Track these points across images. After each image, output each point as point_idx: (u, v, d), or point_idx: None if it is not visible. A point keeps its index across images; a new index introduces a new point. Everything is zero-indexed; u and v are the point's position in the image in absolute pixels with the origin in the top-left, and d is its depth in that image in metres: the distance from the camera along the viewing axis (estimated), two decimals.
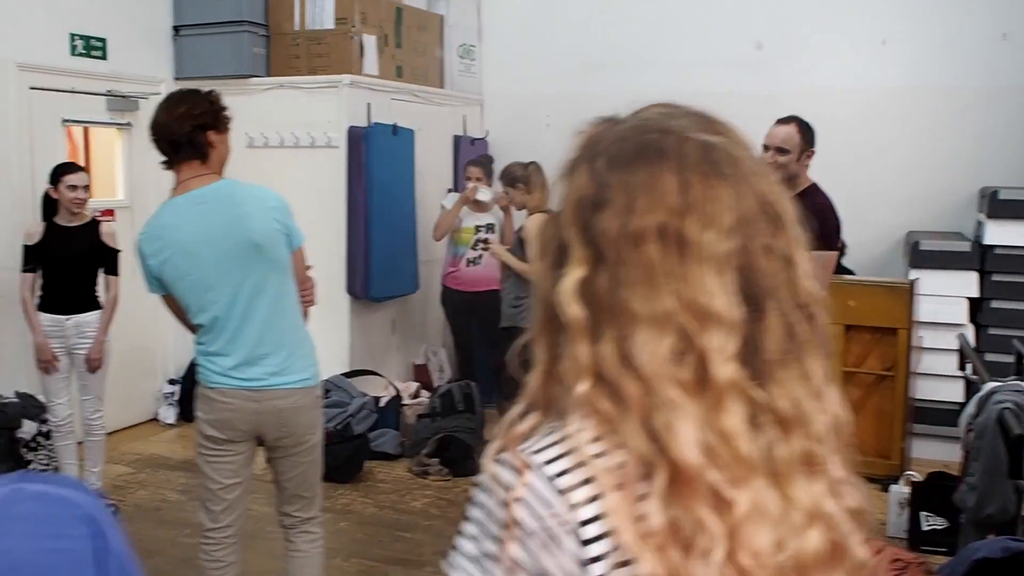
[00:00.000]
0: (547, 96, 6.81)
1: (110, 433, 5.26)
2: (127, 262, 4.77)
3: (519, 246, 5.23)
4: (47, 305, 4.49)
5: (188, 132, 2.77)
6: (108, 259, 4.60)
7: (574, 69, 6.77)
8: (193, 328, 2.93)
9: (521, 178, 5.25)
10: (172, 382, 6.20)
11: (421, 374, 6.50)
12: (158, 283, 2.86)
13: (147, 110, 5.95)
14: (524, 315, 5.26)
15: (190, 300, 2.82)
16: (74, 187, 4.45)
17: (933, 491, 4.51)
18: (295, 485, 3.01)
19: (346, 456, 5.24)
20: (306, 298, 2.99)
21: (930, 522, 4.44)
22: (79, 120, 5.57)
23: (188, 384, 6.15)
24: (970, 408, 3.70)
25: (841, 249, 3.69)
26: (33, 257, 4.47)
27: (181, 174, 2.83)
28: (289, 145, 5.87)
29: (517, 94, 6.92)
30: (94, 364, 4.57)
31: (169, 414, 6.16)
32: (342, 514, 4.72)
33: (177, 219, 2.81)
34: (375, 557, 4.25)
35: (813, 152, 3.89)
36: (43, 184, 5.30)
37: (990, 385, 3.68)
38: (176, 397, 6.16)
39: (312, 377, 2.92)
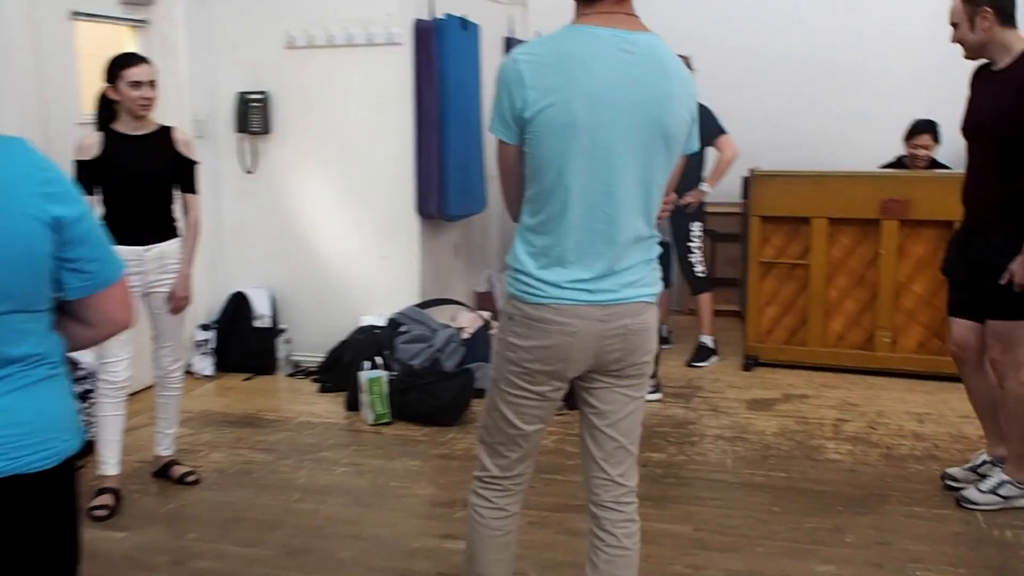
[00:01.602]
0: None
1: (136, 392, 4.46)
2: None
3: None
4: (116, 235, 3.58)
5: None
6: (186, 173, 3.76)
7: None
8: (516, 212, 2.21)
9: None
10: (205, 328, 5.35)
11: (485, 303, 5.86)
12: (514, 128, 2.08)
13: (165, 6, 5.03)
14: None
15: (549, 172, 2.06)
16: (138, 83, 3.56)
17: None
18: (623, 430, 2.28)
19: (451, 396, 4.59)
20: (662, 214, 2.29)
21: None
22: (90, 14, 4.59)
23: (224, 330, 5.35)
24: None
25: None
26: (91, 175, 3.56)
27: (599, 5, 2.06)
28: (340, 44, 5.04)
29: None
30: (180, 303, 3.74)
31: (205, 365, 5.32)
32: (469, 460, 4.09)
33: (588, 55, 2.02)
34: (537, 506, 3.62)
35: (988, 12, 3.26)
36: (52, 88, 4.38)
37: None
38: (212, 345, 5.33)
39: (657, 293, 2.25)
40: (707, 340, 5.59)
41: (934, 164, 5.59)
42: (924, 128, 5.58)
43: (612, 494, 2.30)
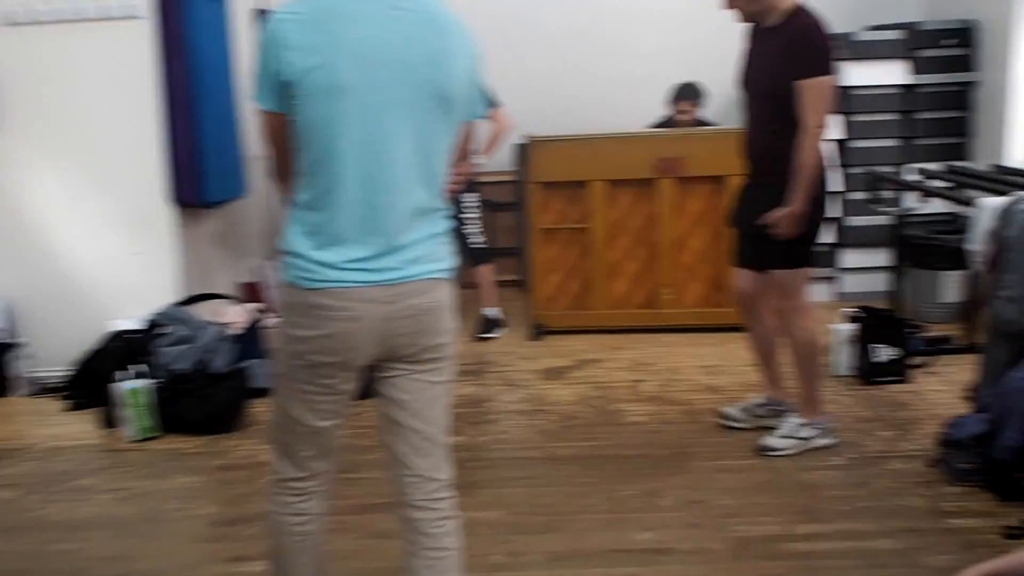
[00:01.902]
0: None
1: None
2: None
3: None
4: None
5: None
6: None
7: None
8: (287, 189, 1.99)
9: None
10: None
11: (252, 294, 5.39)
12: (279, 95, 1.85)
13: None
14: None
15: (318, 140, 1.85)
16: None
17: (883, 323, 4.48)
18: (428, 419, 2.07)
19: (225, 399, 4.16)
20: (454, 183, 2.09)
21: (885, 354, 4.39)
22: None
23: None
24: (987, 223, 3.59)
25: (832, 72, 3.35)
26: None
27: None
28: (70, 18, 4.39)
29: None
30: None
31: None
32: (253, 469, 3.70)
33: (355, 12, 1.83)
34: (336, 510, 3.20)
35: None
36: None
37: (1001, 200, 3.60)
38: None
39: (451, 269, 2.05)
40: (491, 312, 5.43)
41: (700, 124, 5.71)
42: (683, 94, 5.70)
43: (423, 491, 2.08)
